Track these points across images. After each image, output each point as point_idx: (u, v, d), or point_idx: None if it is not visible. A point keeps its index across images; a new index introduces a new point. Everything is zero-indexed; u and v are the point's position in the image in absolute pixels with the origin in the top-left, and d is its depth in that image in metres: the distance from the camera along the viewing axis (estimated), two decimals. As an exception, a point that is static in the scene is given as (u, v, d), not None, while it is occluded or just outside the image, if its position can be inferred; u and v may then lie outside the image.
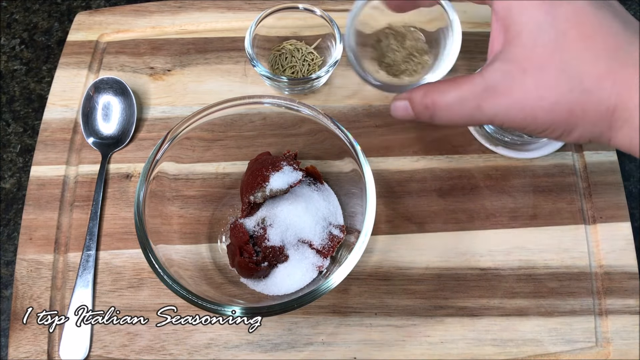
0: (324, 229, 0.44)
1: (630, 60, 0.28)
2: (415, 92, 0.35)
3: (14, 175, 0.53)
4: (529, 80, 0.30)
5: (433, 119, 0.34)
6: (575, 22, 0.29)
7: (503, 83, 0.31)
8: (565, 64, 0.29)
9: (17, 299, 0.45)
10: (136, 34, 0.56)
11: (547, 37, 0.29)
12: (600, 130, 0.29)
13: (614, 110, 0.28)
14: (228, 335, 0.44)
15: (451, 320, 0.45)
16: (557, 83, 0.29)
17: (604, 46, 0.28)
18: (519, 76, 0.30)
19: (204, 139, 0.45)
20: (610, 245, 0.47)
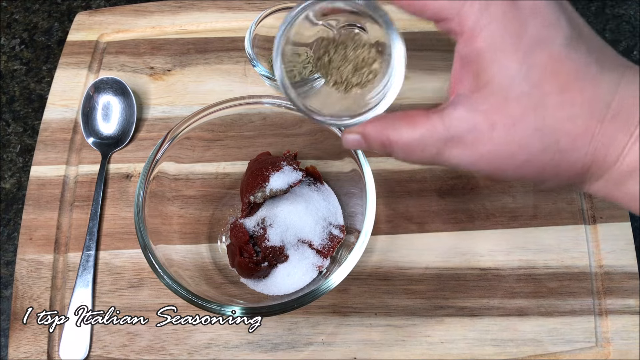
0: (324, 229, 0.44)
1: (609, 113, 0.25)
2: (369, 128, 0.31)
3: (14, 175, 0.53)
4: (499, 136, 0.27)
5: (392, 155, 0.31)
6: (550, 72, 0.25)
7: (469, 136, 0.27)
8: (539, 121, 0.26)
9: (17, 299, 0.45)
10: (136, 34, 0.56)
11: (520, 91, 0.26)
12: (573, 182, 0.28)
13: (589, 167, 0.26)
14: (228, 335, 0.44)
15: (451, 320, 0.45)
16: (530, 141, 0.26)
17: (581, 99, 0.25)
18: (487, 131, 0.27)
19: (204, 139, 0.45)
20: (610, 245, 0.47)
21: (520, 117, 0.26)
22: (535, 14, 0.25)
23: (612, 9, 0.62)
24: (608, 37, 0.61)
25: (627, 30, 0.61)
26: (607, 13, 0.62)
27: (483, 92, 0.26)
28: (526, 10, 0.25)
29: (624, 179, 0.26)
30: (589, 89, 0.25)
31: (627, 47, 0.60)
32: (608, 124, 0.25)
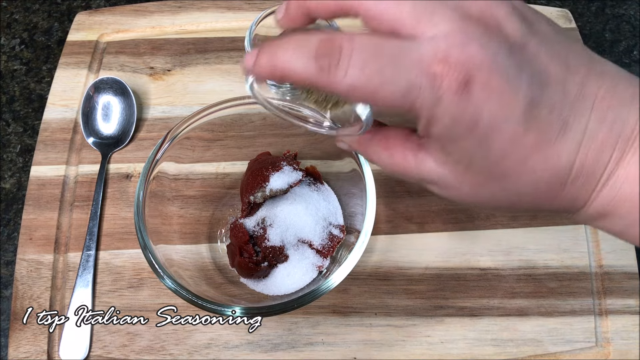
0: (324, 229, 0.44)
1: (571, 176, 0.25)
2: (355, 145, 0.31)
3: (14, 175, 0.53)
4: (468, 191, 0.27)
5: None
6: (509, 150, 0.25)
7: (440, 183, 0.28)
8: (503, 186, 0.26)
9: (17, 299, 0.45)
10: (136, 33, 0.56)
11: (480, 167, 0.26)
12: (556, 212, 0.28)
13: (558, 209, 0.27)
14: (228, 335, 0.44)
15: (451, 320, 0.45)
16: (498, 197, 0.27)
17: (543, 168, 0.25)
18: (456, 185, 0.27)
19: (203, 139, 0.45)
20: (610, 245, 0.47)
21: (485, 183, 0.26)
22: (488, 95, 0.23)
23: (612, 9, 0.62)
24: (608, 37, 0.61)
25: (627, 30, 0.61)
26: (607, 13, 0.62)
27: (452, 155, 0.26)
28: (479, 95, 0.23)
29: (594, 220, 0.27)
30: (549, 158, 0.25)
31: (627, 47, 0.60)
32: (570, 186, 0.25)
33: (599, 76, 0.25)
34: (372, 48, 0.23)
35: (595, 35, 0.61)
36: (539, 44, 0.24)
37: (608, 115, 0.24)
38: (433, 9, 0.23)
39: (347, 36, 0.23)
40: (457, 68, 0.22)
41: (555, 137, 0.24)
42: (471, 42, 0.22)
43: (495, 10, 0.24)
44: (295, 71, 0.24)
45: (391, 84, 0.23)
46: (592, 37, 0.61)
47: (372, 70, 0.23)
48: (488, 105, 0.23)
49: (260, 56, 0.25)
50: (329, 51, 0.23)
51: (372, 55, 0.23)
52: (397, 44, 0.23)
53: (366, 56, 0.23)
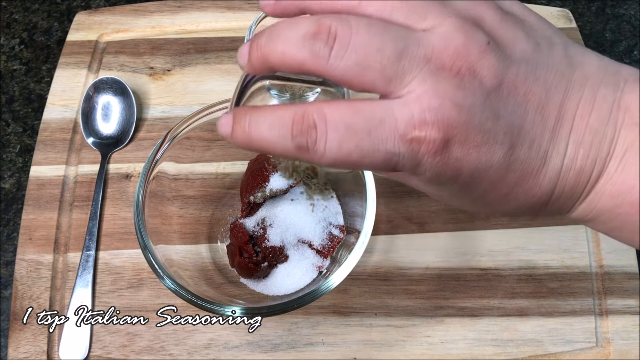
0: (324, 229, 0.44)
1: (550, 202, 0.26)
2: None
3: (13, 175, 0.53)
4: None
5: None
6: (492, 190, 0.25)
7: (434, 195, 0.28)
8: (485, 200, 0.26)
9: (16, 299, 0.45)
10: (136, 33, 0.56)
11: (461, 200, 0.27)
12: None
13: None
14: (228, 335, 0.44)
15: (451, 320, 0.45)
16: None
17: (525, 198, 0.26)
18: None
19: (203, 138, 0.45)
20: (611, 245, 0.47)
21: (469, 206, 0.27)
22: (467, 152, 0.23)
23: (612, 8, 0.62)
24: (608, 37, 0.61)
25: (627, 30, 0.61)
26: (608, 13, 0.62)
27: (435, 187, 0.27)
28: (457, 153, 0.23)
29: (579, 222, 0.28)
30: (531, 189, 0.25)
31: (627, 47, 0.60)
32: (552, 205, 0.26)
33: (580, 85, 0.25)
34: (346, 121, 0.22)
35: (595, 35, 0.61)
36: (517, 71, 0.24)
37: (586, 136, 0.24)
38: (403, 69, 0.22)
39: (318, 111, 0.23)
40: (433, 133, 0.22)
41: (536, 171, 0.24)
42: (445, 102, 0.22)
43: (470, 52, 0.23)
44: (274, 148, 0.24)
45: (371, 157, 0.23)
46: (593, 37, 0.61)
47: (350, 148, 0.22)
48: (468, 160, 0.23)
49: (235, 127, 0.24)
50: (304, 129, 0.23)
51: (346, 131, 0.22)
52: (370, 111, 0.22)
53: (341, 134, 0.22)
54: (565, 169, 0.25)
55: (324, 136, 0.22)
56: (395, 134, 0.22)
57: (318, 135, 0.22)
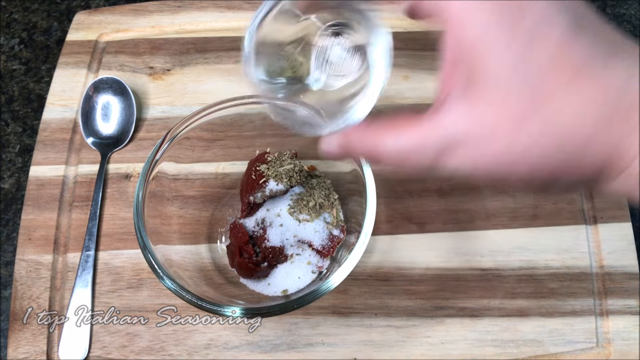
0: (324, 229, 0.44)
1: (622, 106, 0.22)
2: (353, 137, 0.28)
3: (13, 175, 0.53)
4: (503, 138, 0.23)
5: (381, 164, 0.27)
6: (554, 62, 0.23)
7: (468, 140, 0.24)
8: (547, 118, 0.23)
9: (16, 299, 0.45)
10: (135, 33, 0.56)
11: (521, 85, 0.23)
12: (587, 183, 0.25)
13: (608, 163, 0.23)
14: (228, 335, 0.44)
15: (451, 320, 0.45)
16: (539, 141, 0.23)
17: (591, 91, 0.22)
18: (489, 133, 0.24)
19: (203, 139, 0.45)
20: (611, 245, 0.47)
21: (525, 115, 0.23)
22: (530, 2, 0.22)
23: (612, 8, 0.62)
24: (609, 36, 0.61)
25: (627, 30, 0.61)
26: (608, 13, 0.62)
27: (479, 89, 0.23)
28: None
29: (633, 187, 0.24)
30: (598, 80, 0.22)
31: (627, 47, 0.60)
32: (622, 119, 0.22)
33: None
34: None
35: (595, 35, 0.61)
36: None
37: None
38: None
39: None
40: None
41: (603, 63, 0.22)
42: None
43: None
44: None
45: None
46: (593, 36, 0.61)
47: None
48: (531, 9, 0.22)
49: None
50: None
51: None
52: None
53: None
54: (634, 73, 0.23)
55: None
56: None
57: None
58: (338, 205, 0.45)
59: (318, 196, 0.44)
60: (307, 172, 0.45)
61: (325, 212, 0.44)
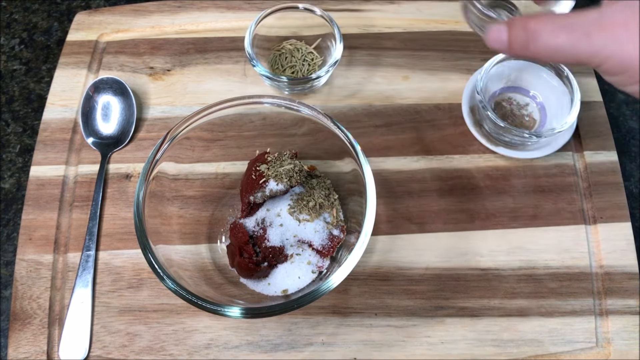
0: (324, 229, 0.44)
1: None
2: (518, 17, 0.34)
3: (13, 175, 0.53)
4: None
5: (529, 46, 0.32)
6: None
7: (622, 14, 0.29)
8: None
9: (16, 299, 0.45)
10: (136, 33, 0.56)
11: None
12: None
13: None
14: (228, 335, 0.44)
15: (451, 320, 0.45)
16: None
17: None
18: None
19: (203, 139, 0.45)
20: (611, 245, 0.47)
21: None
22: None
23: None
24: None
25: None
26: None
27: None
28: None
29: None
30: None
31: (627, 47, 0.60)
32: None
33: None
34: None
35: (595, 35, 0.61)
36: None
37: None
38: None
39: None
40: None
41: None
42: None
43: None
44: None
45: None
46: (593, 37, 0.61)
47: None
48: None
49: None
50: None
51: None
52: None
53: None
54: None
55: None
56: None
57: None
58: (338, 205, 0.45)
59: (318, 196, 0.44)
60: (307, 172, 0.45)
61: (325, 212, 0.44)
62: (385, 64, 0.54)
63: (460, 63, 0.54)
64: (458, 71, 0.54)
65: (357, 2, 0.57)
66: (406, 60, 0.55)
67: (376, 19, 0.56)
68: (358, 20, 0.56)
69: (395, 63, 0.54)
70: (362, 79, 0.54)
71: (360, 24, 0.56)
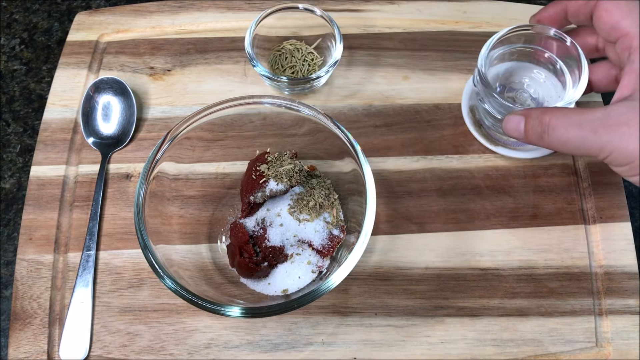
0: (324, 229, 0.44)
1: None
2: (534, 110, 0.39)
3: (13, 175, 0.53)
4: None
5: (543, 137, 0.37)
6: None
7: (626, 114, 0.34)
8: None
9: (17, 299, 0.45)
10: (136, 33, 0.56)
11: None
12: None
13: None
14: (228, 335, 0.44)
15: (451, 320, 0.45)
16: None
17: None
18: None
19: (203, 139, 0.45)
20: (611, 245, 0.47)
21: None
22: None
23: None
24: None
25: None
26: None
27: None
28: None
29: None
30: None
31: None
32: None
33: None
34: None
35: (595, 35, 0.61)
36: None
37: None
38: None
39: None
40: None
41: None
42: None
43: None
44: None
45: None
46: (592, 37, 0.61)
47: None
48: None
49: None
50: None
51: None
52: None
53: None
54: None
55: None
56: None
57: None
58: (338, 205, 0.45)
59: (318, 196, 0.44)
60: (307, 172, 0.45)
61: (325, 212, 0.44)
62: (385, 64, 0.54)
63: (460, 63, 0.54)
64: (458, 71, 0.54)
65: (357, 2, 0.57)
66: (406, 60, 0.55)
67: (376, 19, 0.56)
68: (358, 20, 0.56)
69: (395, 63, 0.55)
70: (362, 79, 0.54)
71: (360, 24, 0.56)
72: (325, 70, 0.49)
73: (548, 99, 0.48)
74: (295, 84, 0.50)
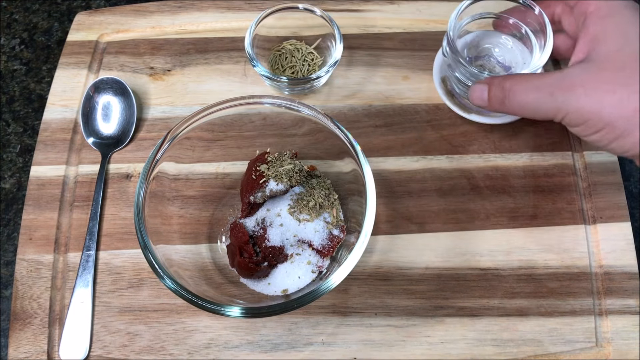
0: (324, 229, 0.44)
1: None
2: (496, 77, 0.41)
3: (13, 175, 0.53)
4: (605, 76, 0.35)
5: (504, 103, 0.39)
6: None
7: (580, 76, 0.35)
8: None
9: (17, 299, 0.45)
10: (136, 34, 0.56)
11: (632, 48, 0.35)
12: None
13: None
14: (228, 335, 0.44)
15: (451, 320, 0.45)
16: (631, 82, 0.34)
17: None
18: (596, 71, 0.35)
19: (203, 139, 0.45)
20: (611, 245, 0.47)
21: (628, 64, 0.35)
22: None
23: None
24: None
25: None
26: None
27: (597, 49, 0.36)
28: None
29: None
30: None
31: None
32: None
33: None
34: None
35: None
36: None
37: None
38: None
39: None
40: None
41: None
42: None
43: None
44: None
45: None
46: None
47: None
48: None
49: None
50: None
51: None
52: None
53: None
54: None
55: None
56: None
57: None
58: (338, 205, 0.45)
59: (318, 196, 0.44)
60: (307, 172, 0.45)
61: (325, 212, 0.44)
62: (385, 64, 0.54)
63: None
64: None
65: (357, 2, 0.57)
66: (406, 60, 0.55)
67: (376, 19, 0.56)
68: (358, 20, 0.56)
69: (395, 63, 0.55)
70: (362, 79, 0.54)
71: (360, 24, 0.56)
72: (325, 70, 0.49)
73: (515, 64, 0.49)
74: (295, 84, 0.50)
